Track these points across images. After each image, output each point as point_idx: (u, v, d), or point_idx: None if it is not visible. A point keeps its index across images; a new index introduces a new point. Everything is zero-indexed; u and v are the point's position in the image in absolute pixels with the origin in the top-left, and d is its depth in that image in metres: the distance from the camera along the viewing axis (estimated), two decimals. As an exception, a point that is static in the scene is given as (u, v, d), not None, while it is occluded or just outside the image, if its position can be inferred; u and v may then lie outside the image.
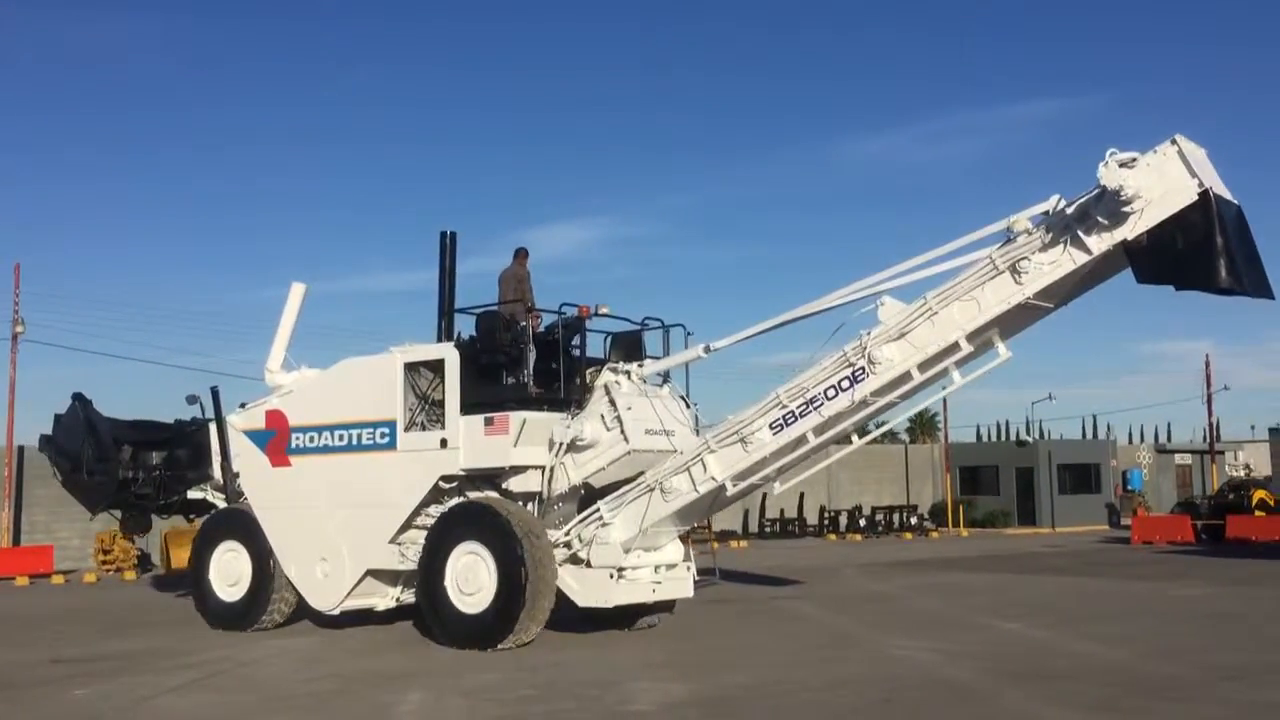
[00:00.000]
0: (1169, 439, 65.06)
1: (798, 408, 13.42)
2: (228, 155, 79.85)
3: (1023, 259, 12.18)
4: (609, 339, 15.74)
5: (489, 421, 14.65)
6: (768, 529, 40.72)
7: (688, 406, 15.52)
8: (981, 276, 12.42)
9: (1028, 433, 52.45)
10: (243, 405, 17.84)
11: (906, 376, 12.88)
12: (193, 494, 18.70)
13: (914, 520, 43.95)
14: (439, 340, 15.94)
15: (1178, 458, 57.95)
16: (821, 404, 13.28)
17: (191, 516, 20.03)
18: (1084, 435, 59.57)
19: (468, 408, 14.85)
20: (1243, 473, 46.03)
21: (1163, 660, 12.46)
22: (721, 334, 14.42)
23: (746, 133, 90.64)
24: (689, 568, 15.34)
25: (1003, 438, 58.82)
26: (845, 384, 13.13)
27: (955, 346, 12.62)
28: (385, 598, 16.29)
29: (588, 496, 15.05)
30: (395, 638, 15.64)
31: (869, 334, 13.00)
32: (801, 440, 13.52)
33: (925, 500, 47.96)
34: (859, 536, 41.03)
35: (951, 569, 26.08)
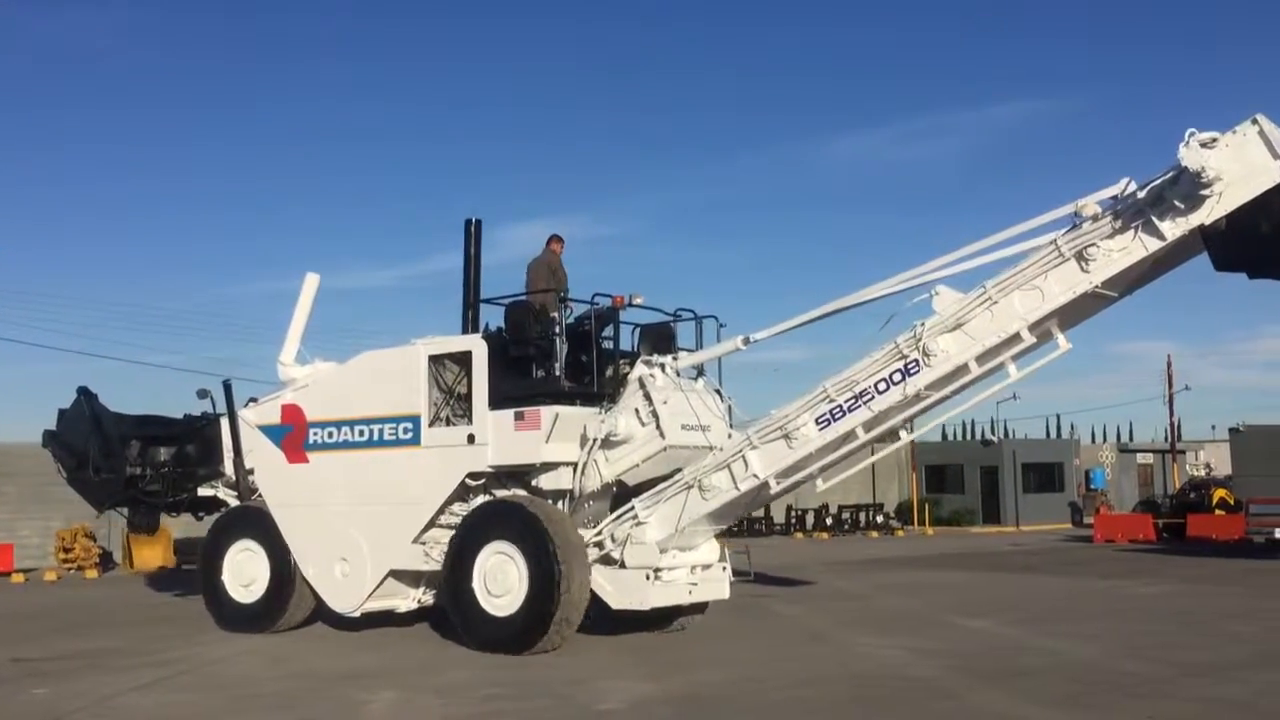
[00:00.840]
0: (1131, 439, 65.65)
1: (846, 402, 12.75)
2: (206, 152, 78.08)
3: (1090, 245, 11.50)
4: (637, 331, 15.07)
5: (519, 416, 13.94)
6: (735, 528, 40.05)
7: (723, 401, 14.82)
8: (1045, 264, 11.75)
9: (992, 432, 52.40)
10: (252, 400, 17.13)
11: (963, 369, 12.21)
12: (203, 491, 17.92)
13: (880, 519, 43.96)
14: (464, 331, 15.23)
15: (1140, 457, 58.27)
16: (871, 398, 12.61)
17: (200, 514, 19.25)
18: (1048, 435, 59.55)
19: (496, 402, 14.14)
20: (1203, 472, 47.14)
21: (1126, 657, 12.59)
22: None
23: (722, 132, 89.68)
24: (725, 568, 14.67)
25: (968, 437, 58.84)
26: (897, 377, 12.46)
27: (1016, 338, 11.96)
28: (407, 599, 15.57)
29: (619, 494, 14.36)
30: (368, 636, 15.23)
31: (923, 325, 12.33)
32: (850, 436, 12.85)
33: (891, 499, 47.87)
34: (826, 535, 41.18)
35: (918, 567, 25.92)
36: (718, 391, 14.90)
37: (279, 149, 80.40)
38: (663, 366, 14.25)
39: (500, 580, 13.66)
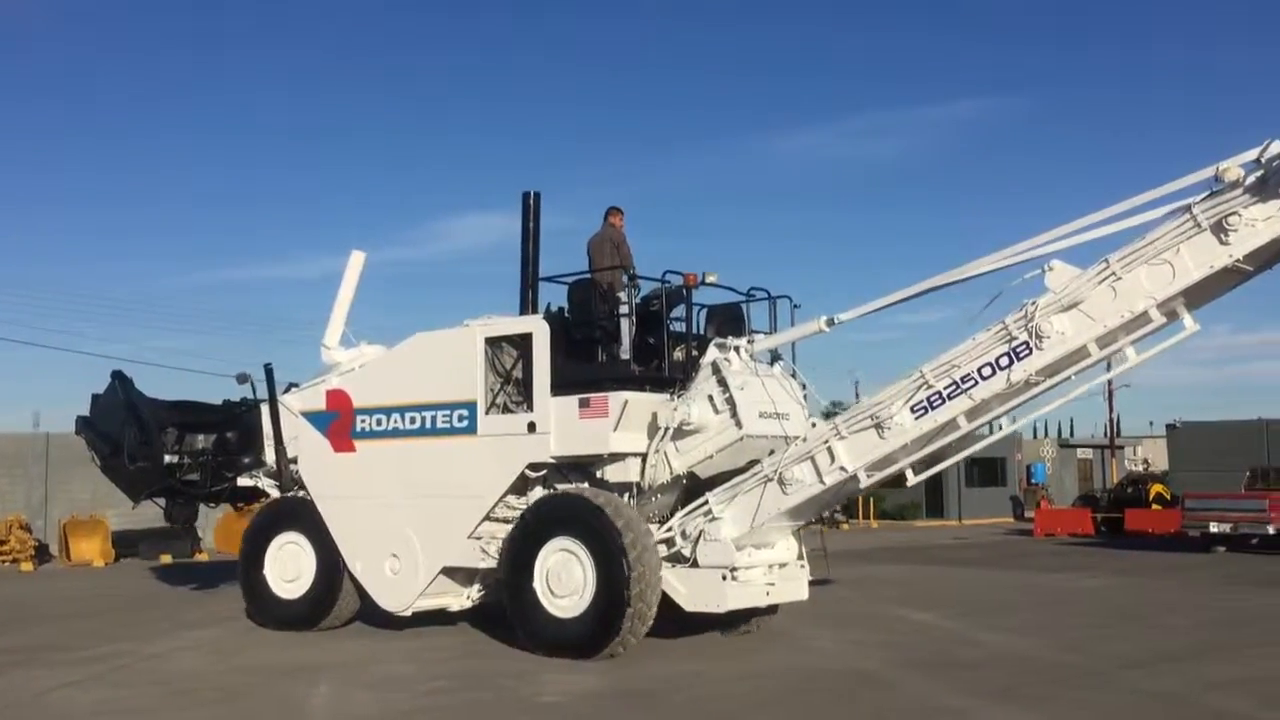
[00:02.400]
0: (1071, 434, 64.92)
1: (945, 388, 11.46)
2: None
3: (1231, 214, 10.16)
4: (703, 312, 13.83)
5: (585, 403, 12.74)
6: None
7: (802, 388, 13.56)
8: (1178, 235, 10.42)
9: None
10: (293, 385, 16.00)
11: (1081, 353, 10.91)
12: (243, 481, 16.82)
13: (825, 513, 42.50)
14: (522, 312, 14.02)
15: (1079, 452, 57.94)
16: (974, 384, 11.32)
17: (240, 505, 18.18)
18: (990, 430, 58.28)
19: (558, 387, 12.94)
20: (1141, 467, 47.33)
21: (1064, 650, 12.69)
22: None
23: (673, 127, 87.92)
24: (803, 567, 13.43)
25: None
26: (1004, 361, 11.17)
27: (1143, 318, 10.64)
28: (460, 597, 14.41)
29: (689, 488, 13.14)
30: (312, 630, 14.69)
31: (1035, 303, 11.02)
32: (950, 426, 11.58)
33: (835, 493, 46.93)
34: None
35: (863, 561, 25.35)
36: (793, 373, 13.65)
37: (225, 140, 78.46)
38: (737, 350, 13.00)
39: (565, 580, 12.50)
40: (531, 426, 13.00)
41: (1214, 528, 28.02)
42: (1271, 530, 27.14)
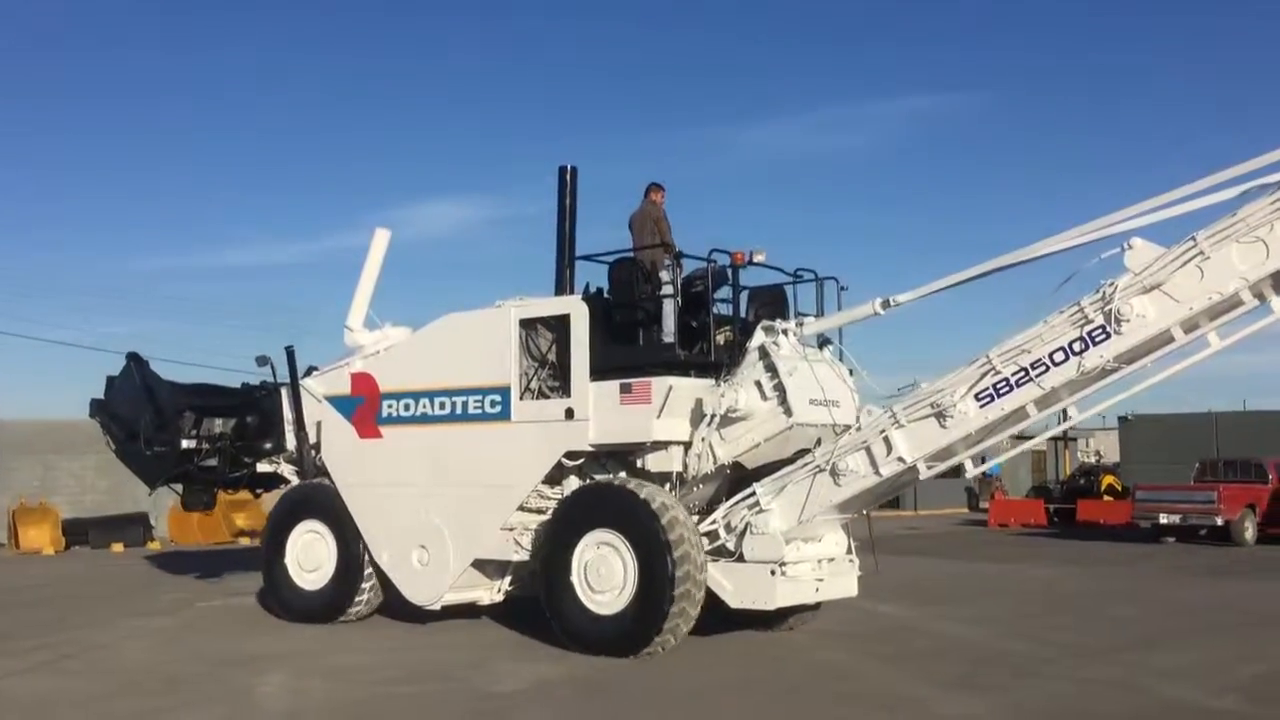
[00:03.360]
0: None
1: (1013, 375, 10.68)
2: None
3: (1335, 188, 9.37)
4: (744, 292, 13.07)
5: (626, 388, 11.99)
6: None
7: (850, 374, 12.79)
8: (1274, 210, 9.61)
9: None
10: (312, 368, 15.29)
11: (1164, 338, 10.12)
12: (262, 467, 16.08)
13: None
14: (558, 292, 13.27)
15: (1033, 444, 56.14)
16: (1045, 371, 10.54)
17: (259, 491, 17.45)
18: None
19: (597, 372, 12.19)
20: (1093, 459, 47.70)
21: (1017, 639, 12.79)
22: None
23: (630, 115, 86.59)
24: (852, 561, 12.67)
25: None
26: (1078, 346, 10.38)
27: (1233, 300, 9.85)
28: (490, 590, 13.69)
29: (733, 479, 12.40)
30: (265, 618, 14.54)
31: (1113, 284, 10.23)
32: (1018, 415, 10.82)
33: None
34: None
35: None
36: (839, 352, 12.86)
37: (190, 121, 76.95)
38: (785, 333, 12.24)
39: (604, 574, 11.77)
40: (569, 413, 12.26)
41: (1164, 519, 28.17)
42: (1219, 521, 27.36)
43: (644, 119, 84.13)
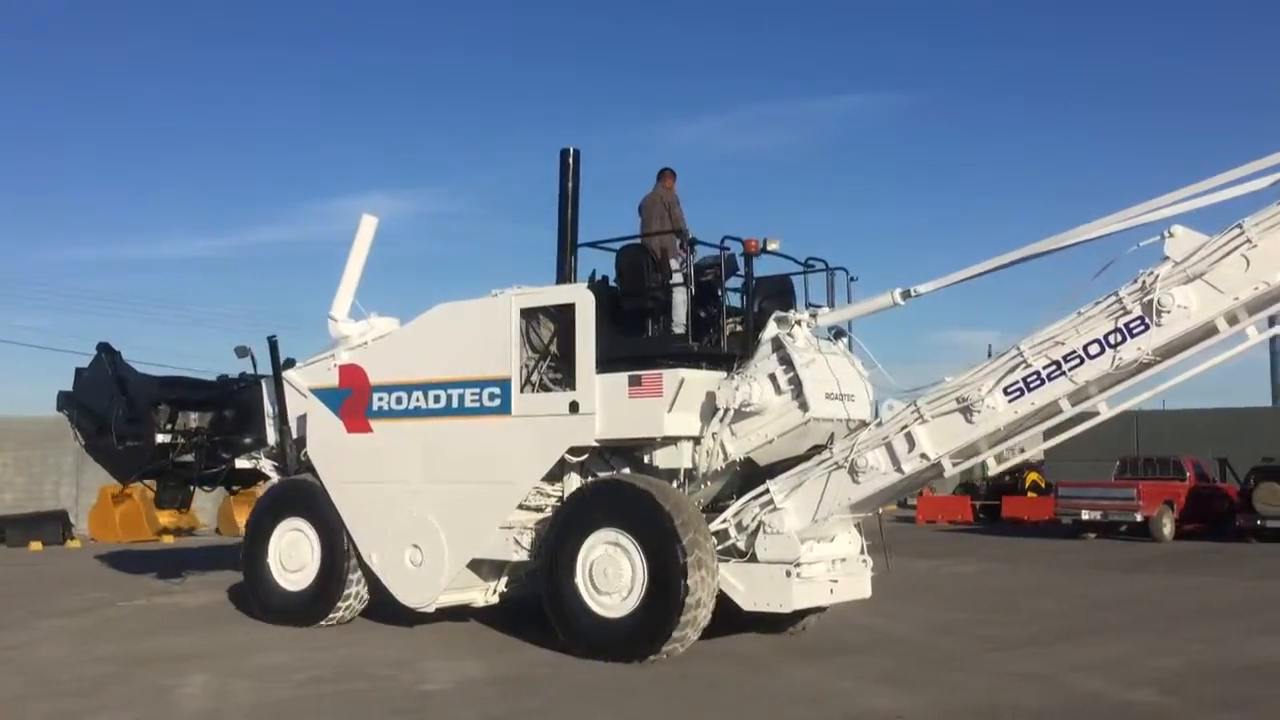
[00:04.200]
0: None
1: (1045, 368, 10.17)
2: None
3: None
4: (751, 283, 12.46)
5: (636, 381, 11.38)
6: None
7: (862, 366, 12.25)
8: None
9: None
10: (290, 361, 14.58)
11: (1207, 330, 9.64)
12: (241, 463, 15.33)
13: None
14: (560, 280, 12.64)
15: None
16: (1078, 364, 10.05)
17: (235, 488, 16.70)
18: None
19: (603, 364, 11.57)
20: (1018, 456, 46.04)
21: (940, 634, 12.95)
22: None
23: (557, 114, 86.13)
24: (865, 562, 12.14)
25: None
26: (1115, 338, 9.89)
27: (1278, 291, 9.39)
28: (485, 592, 13.05)
29: (743, 475, 11.84)
30: (183, 617, 14.30)
31: (1153, 273, 9.74)
32: (1049, 410, 10.29)
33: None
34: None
35: None
36: (847, 340, 12.31)
37: (102, 111, 75.31)
38: (799, 324, 11.68)
39: (611, 576, 11.16)
40: (574, 406, 11.63)
41: (1085, 515, 28.61)
42: (1139, 518, 27.80)
43: (569, 117, 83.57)
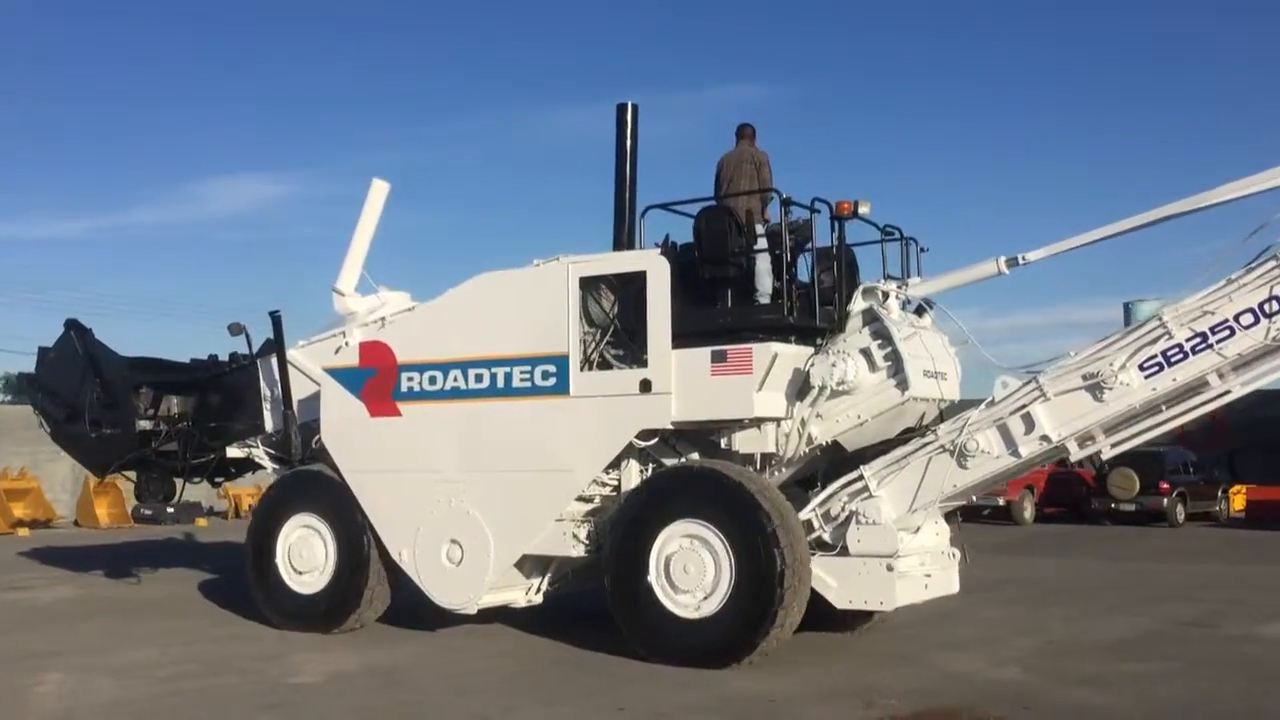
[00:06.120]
0: None
1: (1189, 341, 9.12)
2: None
3: None
4: (813, 253, 11.23)
5: (720, 356, 10.06)
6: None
7: (950, 344, 11.11)
8: None
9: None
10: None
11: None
12: (232, 451, 13.65)
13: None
14: (617, 246, 11.28)
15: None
16: (1227, 336, 9.02)
17: (219, 480, 14.97)
18: None
19: (678, 338, 10.24)
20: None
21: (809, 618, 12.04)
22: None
23: (431, 95, 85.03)
24: (954, 555, 10.99)
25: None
26: (1271, 307, 8.86)
27: None
28: (526, 590, 11.60)
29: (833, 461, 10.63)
30: (38, 612, 13.54)
31: None
32: (1196, 387, 9.23)
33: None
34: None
35: None
36: (914, 313, 11.12)
37: None
38: (887, 295, 10.50)
39: (691, 573, 9.85)
40: (645, 385, 10.27)
41: (1002, 501, 28.90)
42: (1001, 502, 27.75)
43: (444, 101, 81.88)
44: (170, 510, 27.23)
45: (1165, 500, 27.87)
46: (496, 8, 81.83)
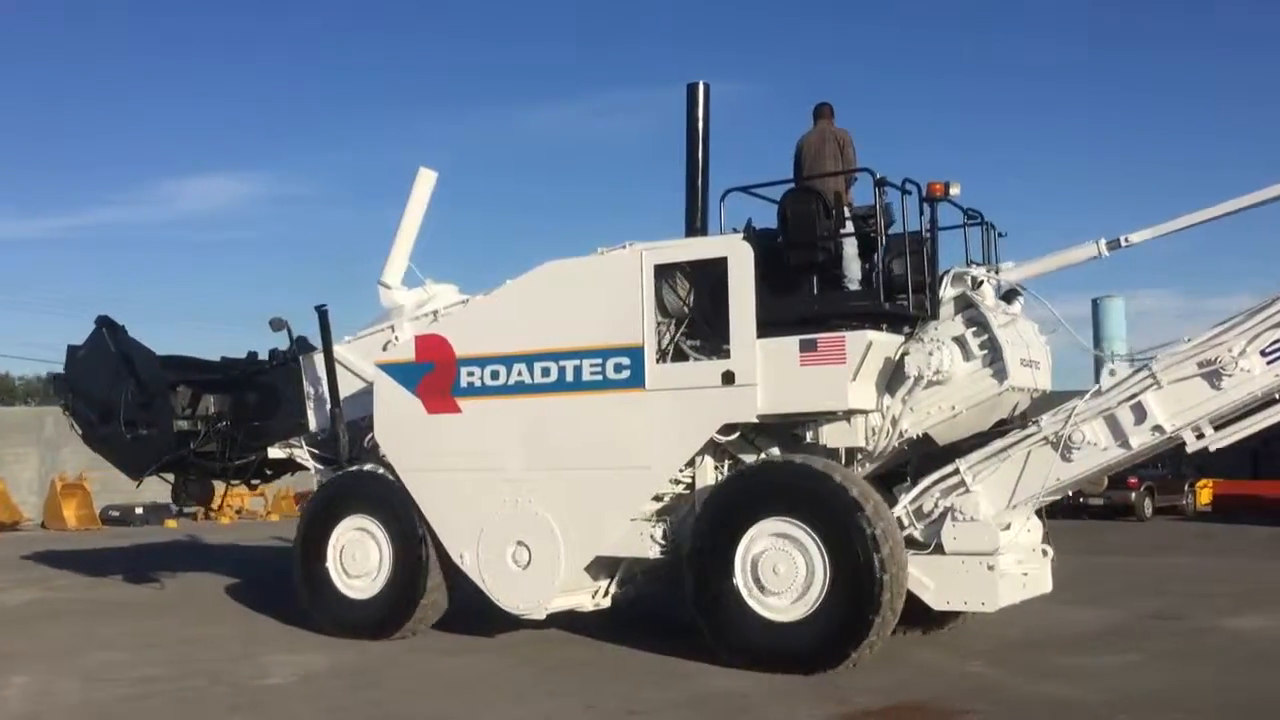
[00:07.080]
0: None
1: (1317, 324, 8.56)
2: None
3: None
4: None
5: (810, 345, 9.46)
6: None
7: (1039, 331, 10.55)
8: None
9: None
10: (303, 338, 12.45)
11: None
12: (274, 452, 13.01)
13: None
14: (689, 232, 10.68)
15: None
16: (1358, 319, 8.44)
17: (255, 483, 14.32)
18: None
19: (761, 326, 9.64)
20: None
21: None
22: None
23: (409, 95, 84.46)
24: (1046, 553, 10.41)
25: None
26: None
27: None
28: (594, 592, 10.98)
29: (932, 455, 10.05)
30: (8, 613, 13.36)
31: None
32: (1322, 374, 8.66)
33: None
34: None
35: None
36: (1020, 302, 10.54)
37: None
38: (982, 282, 9.93)
39: (782, 573, 9.26)
40: (728, 377, 9.66)
41: None
42: None
43: (413, 98, 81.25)
44: (139, 512, 26.84)
45: (1133, 494, 27.72)
46: (460, 8, 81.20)
